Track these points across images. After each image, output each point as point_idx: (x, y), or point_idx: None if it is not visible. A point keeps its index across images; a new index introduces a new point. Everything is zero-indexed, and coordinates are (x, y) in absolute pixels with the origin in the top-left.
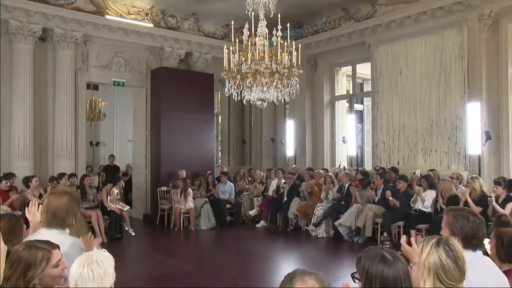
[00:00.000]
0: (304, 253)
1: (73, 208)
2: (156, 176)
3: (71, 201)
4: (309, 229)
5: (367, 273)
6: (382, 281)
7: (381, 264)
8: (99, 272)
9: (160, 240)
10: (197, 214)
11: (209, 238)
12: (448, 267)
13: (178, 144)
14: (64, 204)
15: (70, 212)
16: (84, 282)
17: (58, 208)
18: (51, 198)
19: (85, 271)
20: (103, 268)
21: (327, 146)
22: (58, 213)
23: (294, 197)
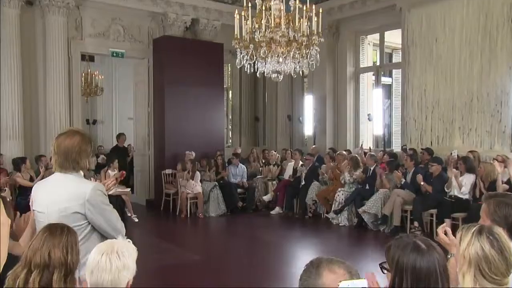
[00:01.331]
0: (324, 243)
1: (86, 148)
2: (160, 157)
3: (83, 141)
4: (329, 216)
5: (397, 263)
6: (414, 272)
7: (414, 253)
8: (117, 264)
9: (165, 228)
10: (205, 200)
11: (219, 225)
12: (493, 259)
13: (184, 122)
14: (76, 144)
15: (84, 153)
16: (99, 272)
17: (70, 149)
18: (61, 138)
19: (103, 260)
20: (122, 261)
21: (350, 125)
22: (70, 154)
23: (313, 181)
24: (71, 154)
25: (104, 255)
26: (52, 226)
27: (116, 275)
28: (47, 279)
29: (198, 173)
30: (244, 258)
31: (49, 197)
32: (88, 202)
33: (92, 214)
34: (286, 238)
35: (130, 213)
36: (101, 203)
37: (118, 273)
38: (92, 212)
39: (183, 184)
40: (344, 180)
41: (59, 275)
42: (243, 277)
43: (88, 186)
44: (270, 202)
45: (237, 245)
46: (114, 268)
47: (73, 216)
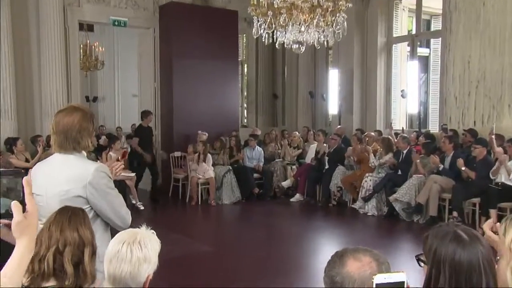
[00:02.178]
0: (350, 234)
1: (88, 126)
2: (167, 138)
3: (84, 118)
4: (356, 205)
5: (434, 254)
6: (452, 265)
7: (454, 244)
8: (139, 255)
9: (174, 216)
10: (218, 185)
11: (233, 214)
12: None
13: (194, 100)
14: (76, 121)
15: (85, 131)
16: (119, 262)
17: (69, 127)
18: (60, 115)
19: (123, 250)
20: (144, 252)
21: (380, 102)
22: (70, 133)
23: (338, 166)
24: (71, 133)
25: (125, 245)
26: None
27: (136, 267)
28: (78, 258)
29: (210, 156)
30: (260, 250)
31: (48, 180)
32: (91, 184)
33: (94, 198)
34: (308, 228)
35: (135, 200)
36: (104, 186)
37: (139, 265)
38: (94, 196)
39: (193, 168)
40: (373, 164)
41: (89, 253)
42: (259, 271)
43: (90, 167)
44: (290, 188)
45: (253, 236)
46: (134, 259)
47: (75, 200)
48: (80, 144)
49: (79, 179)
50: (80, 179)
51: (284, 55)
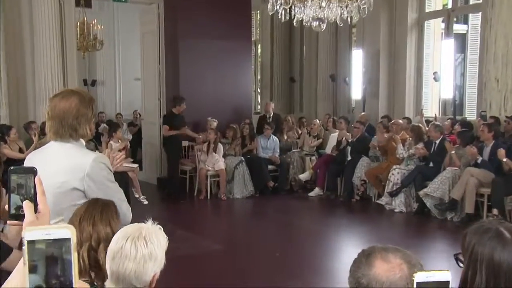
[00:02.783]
0: (375, 233)
1: (86, 112)
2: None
3: (82, 102)
4: (381, 200)
5: (471, 252)
6: (490, 265)
7: (493, 242)
8: (144, 252)
9: (181, 212)
10: (229, 178)
11: (245, 209)
12: None
13: (202, 84)
14: (73, 106)
15: (82, 117)
16: (122, 259)
17: (65, 113)
18: (56, 99)
19: (127, 246)
20: (150, 249)
21: (410, 86)
22: (66, 119)
23: (362, 157)
24: (67, 119)
25: (130, 240)
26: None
27: (141, 265)
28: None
29: (221, 146)
30: (275, 249)
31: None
32: (88, 176)
33: (92, 191)
34: (327, 226)
35: (138, 194)
36: (104, 179)
37: (144, 263)
38: (92, 189)
39: (202, 159)
40: (401, 155)
41: None
42: (274, 272)
43: (89, 157)
44: (308, 181)
45: (267, 234)
46: (139, 257)
47: (72, 194)
48: (78, 132)
49: (76, 170)
50: (77, 170)
51: (303, 34)
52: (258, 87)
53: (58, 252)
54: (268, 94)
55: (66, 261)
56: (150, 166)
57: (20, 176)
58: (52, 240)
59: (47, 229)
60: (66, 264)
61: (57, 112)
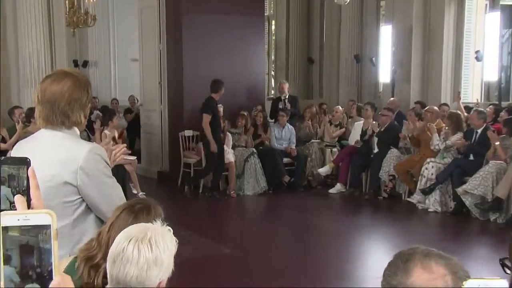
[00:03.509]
0: (406, 236)
1: (80, 97)
2: (176, 114)
3: (76, 86)
4: (413, 199)
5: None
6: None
7: None
8: (147, 257)
9: (184, 211)
10: (239, 172)
11: (257, 208)
12: None
13: (209, 65)
14: (65, 90)
15: (76, 103)
16: (123, 263)
17: (57, 97)
18: (47, 82)
19: (129, 249)
20: (155, 253)
21: (447, 67)
22: (57, 104)
23: (391, 148)
24: (59, 104)
25: (132, 242)
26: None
27: (144, 270)
28: None
29: (229, 136)
30: (291, 253)
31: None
32: (82, 169)
33: (86, 186)
34: (351, 227)
35: (136, 190)
36: (99, 173)
37: (147, 268)
38: (86, 184)
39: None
40: (436, 147)
41: None
42: (290, 278)
43: (83, 148)
44: (329, 176)
45: (282, 236)
46: (142, 261)
47: (63, 189)
48: (70, 118)
49: (68, 162)
50: (70, 161)
51: (323, 8)
52: (272, 69)
53: (34, 241)
54: (283, 77)
55: (44, 251)
56: (150, 158)
57: (12, 167)
58: (29, 227)
59: (25, 214)
60: (44, 253)
61: (47, 96)
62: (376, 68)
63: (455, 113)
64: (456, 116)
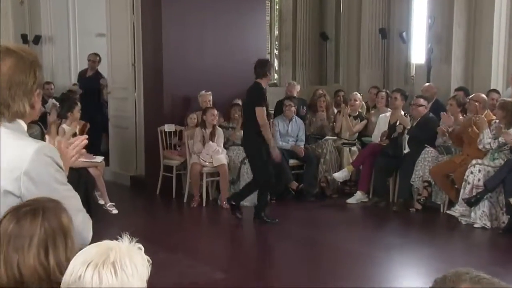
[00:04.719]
0: (446, 258)
1: (25, 81)
2: (154, 104)
3: (18, 66)
4: (454, 211)
5: None
6: None
7: None
8: (112, 284)
9: (164, 225)
10: (233, 177)
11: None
12: None
13: (195, 44)
14: (5, 71)
15: (18, 88)
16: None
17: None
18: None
19: (88, 275)
20: (121, 279)
21: (499, 45)
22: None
23: (426, 147)
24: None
25: (92, 268)
26: (29, 203)
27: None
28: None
29: (221, 132)
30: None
31: None
32: (27, 175)
33: (32, 196)
34: (376, 247)
35: (104, 200)
36: (50, 179)
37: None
38: (32, 194)
39: (195, 150)
40: (487, 146)
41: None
42: None
43: (28, 147)
44: (347, 182)
45: (288, 258)
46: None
47: (4, 200)
48: (11, 108)
49: (8, 166)
50: (11, 166)
51: None
52: (275, 47)
53: None
54: (289, 58)
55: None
56: (121, 160)
57: None
58: None
59: None
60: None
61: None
62: (407, 46)
63: (510, 102)
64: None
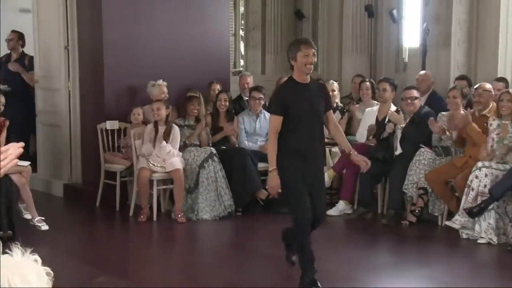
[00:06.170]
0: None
1: None
2: (93, 96)
3: None
4: (455, 224)
5: None
6: None
7: None
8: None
9: (106, 244)
10: (191, 185)
11: (218, 240)
12: None
13: (144, 23)
14: None
15: None
16: None
17: None
18: None
19: None
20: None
21: (507, 27)
22: None
23: (421, 148)
24: None
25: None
26: None
27: None
28: None
29: (176, 129)
30: None
31: None
32: None
33: None
34: (363, 268)
35: (31, 214)
36: None
37: None
38: None
39: (144, 152)
40: (496, 146)
41: None
42: None
43: None
44: (328, 190)
45: (257, 283)
46: None
47: None
48: None
49: None
50: None
51: None
52: (240, 27)
53: None
54: (258, 41)
55: None
56: (52, 165)
57: None
58: None
59: None
60: None
61: None
62: (398, 27)
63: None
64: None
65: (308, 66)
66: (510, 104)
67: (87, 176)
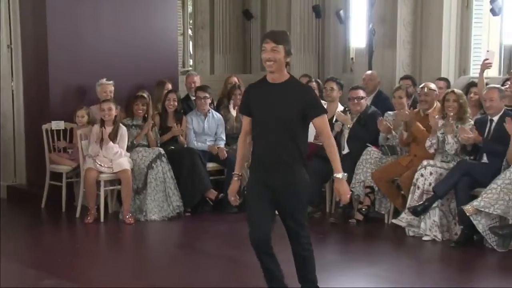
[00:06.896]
0: (393, 279)
1: None
2: (37, 95)
3: None
4: (401, 221)
5: None
6: None
7: None
8: None
9: (52, 247)
10: (139, 186)
11: (167, 242)
12: None
13: (90, 21)
14: None
15: None
16: None
17: None
18: None
19: None
20: None
21: (450, 26)
22: None
23: (367, 147)
24: None
25: None
26: None
27: None
28: None
29: (124, 130)
30: None
31: None
32: None
33: None
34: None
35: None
36: None
37: None
38: None
39: (91, 153)
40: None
41: None
42: None
43: None
44: None
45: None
46: None
47: None
48: None
49: None
50: None
51: None
52: (189, 26)
53: None
54: (207, 41)
55: None
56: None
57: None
58: None
59: None
60: None
61: None
62: (345, 27)
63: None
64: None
65: (268, 63)
66: (455, 104)
67: (32, 177)
